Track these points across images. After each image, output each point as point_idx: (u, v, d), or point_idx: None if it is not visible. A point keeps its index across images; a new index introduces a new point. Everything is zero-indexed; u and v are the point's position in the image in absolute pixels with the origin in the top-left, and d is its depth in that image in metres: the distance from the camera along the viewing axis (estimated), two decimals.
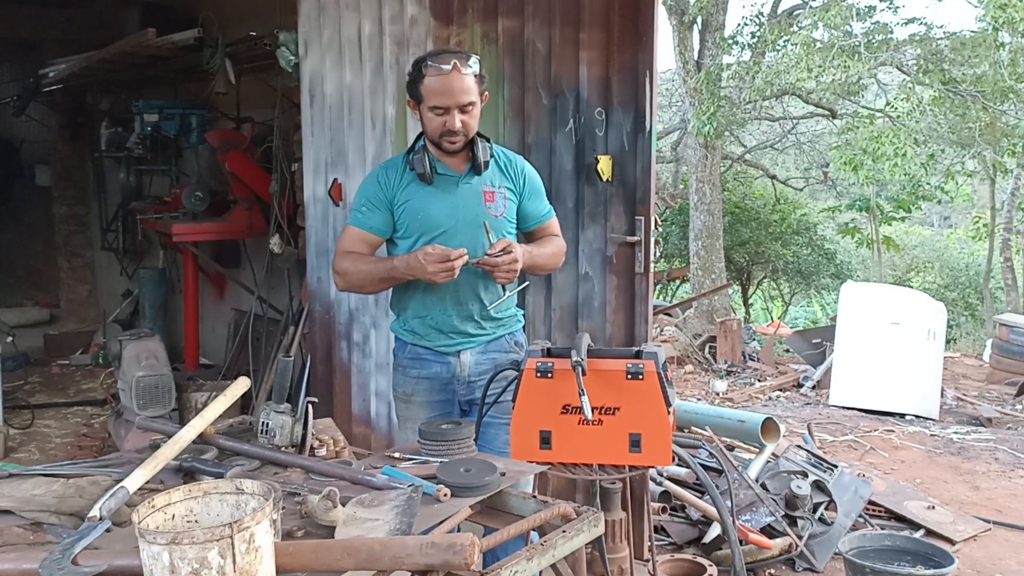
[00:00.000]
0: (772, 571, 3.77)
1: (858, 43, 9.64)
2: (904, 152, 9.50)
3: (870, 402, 6.93)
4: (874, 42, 9.99)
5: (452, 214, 2.60)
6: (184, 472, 2.03)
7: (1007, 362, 8.23)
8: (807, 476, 4.03)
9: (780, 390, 7.80)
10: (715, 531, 3.85)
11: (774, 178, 15.42)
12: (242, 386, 2.34)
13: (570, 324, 3.57)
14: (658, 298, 13.07)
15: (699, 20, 11.57)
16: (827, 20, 9.74)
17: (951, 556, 3.46)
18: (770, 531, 3.78)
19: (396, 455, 2.19)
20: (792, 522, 3.82)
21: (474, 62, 2.53)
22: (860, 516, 4.19)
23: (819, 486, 4.01)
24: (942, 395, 7.28)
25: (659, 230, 3.57)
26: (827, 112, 12.95)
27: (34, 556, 1.55)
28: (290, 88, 4.63)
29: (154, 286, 6.86)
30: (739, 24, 11.91)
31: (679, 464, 3.84)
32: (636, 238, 3.42)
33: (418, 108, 2.58)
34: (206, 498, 1.54)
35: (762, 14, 12.01)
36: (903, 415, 6.77)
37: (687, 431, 4.63)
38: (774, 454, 4.37)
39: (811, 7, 10.95)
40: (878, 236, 14.81)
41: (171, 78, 6.33)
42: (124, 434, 4.74)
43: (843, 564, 3.51)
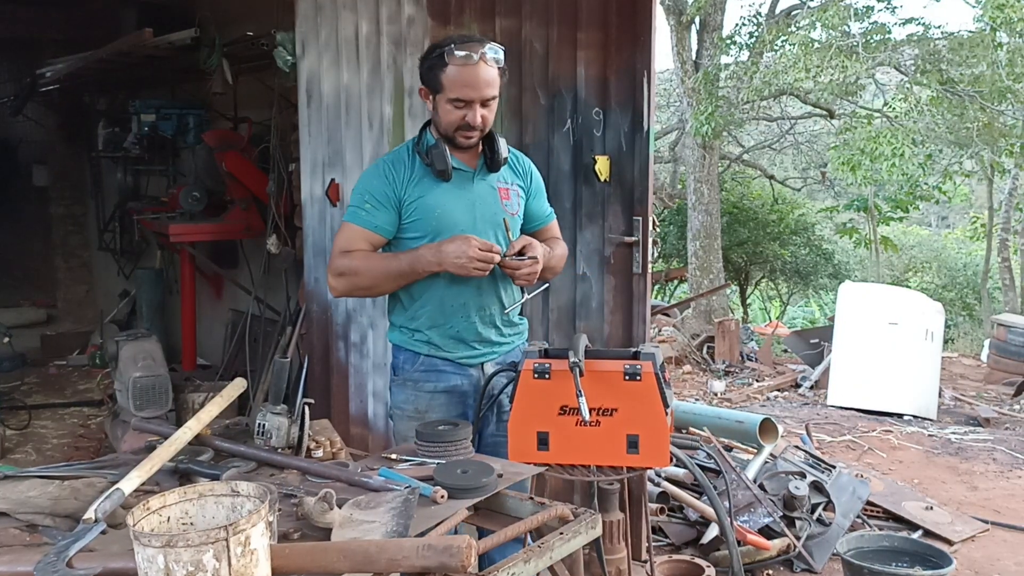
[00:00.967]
0: (770, 572, 3.76)
1: (856, 43, 9.65)
2: (902, 152, 9.51)
3: (868, 402, 6.93)
4: (872, 42, 10.00)
5: (470, 211, 2.44)
6: (180, 474, 2.02)
7: (1005, 362, 8.24)
8: (805, 477, 4.03)
9: (778, 390, 7.80)
10: (713, 532, 3.85)
11: (772, 178, 15.43)
12: (239, 387, 2.32)
13: (568, 325, 3.56)
14: (656, 298, 13.07)
15: (697, 20, 11.58)
16: (825, 20, 9.75)
17: (949, 557, 3.47)
18: (768, 532, 3.78)
19: (393, 456, 2.18)
20: (790, 523, 3.82)
21: (500, 52, 2.35)
22: (858, 517, 4.19)
23: (817, 487, 4.01)
24: (940, 395, 7.29)
25: (657, 230, 3.57)
26: (825, 112, 12.96)
27: (29, 558, 1.54)
28: (287, 88, 4.62)
29: (151, 286, 6.86)
30: (737, 24, 11.96)
31: (677, 465, 3.83)
32: (634, 238, 3.42)
33: (432, 98, 2.40)
34: (201, 500, 1.53)
35: (760, 14, 12.03)
36: (901, 415, 6.77)
37: (685, 432, 4.63)
38: (772, 455, 4.36)
39: (809, 7, 10.95)
40: (876, 236, 14.82)
41: (168, 78, 6.32)
42: (121, 435, 4.73)
43: (841, 565, 3.51)
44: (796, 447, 4.66)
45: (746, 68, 10.88)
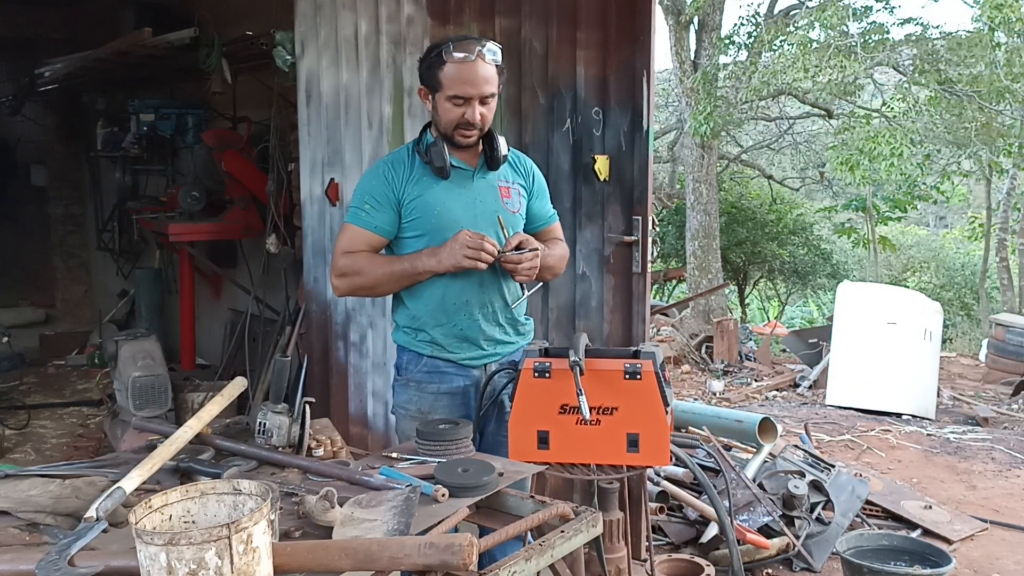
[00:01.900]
0: (769, 571, 3.77)
1: (854, 43, 9.65)
2: (900, 152, 9.51)
3: (867, 402, 6.94)
4: (870, 42, 10.02)
5: (470, 209, 2.45)
6: (181, 473, 2.02)
7: (1003, 362, 8.25)
8: (804, 476, 4.03)
9: (777, 390, 7.81)
10: (713, 531, 3.85)
11: (770, 178, 15.44)
12: (239, 386, 2.32)
13: (567, 324, 3.56)
14: (654, 298, 13.07)
15: (696, 20, 11.58)
16: (823, 20, 9.76)
17: (948, 556, 3.47)
18: (767, 531, 3.78)
19: (393, 455, 2.18)
20: (789, 522, 3.82)
21: (497, 51, 2.37)
22: (857, 516, 4.20)
23: (816, 486, 4.01)
24: (938, 395, 7.30)
25: (656, 230, 3.57)
26: (823, 112, 12.97)
27: (30, 557, 1.54)
28: (286, 88, 4.62)
29: (150, 286, 6.85)
30: (735, 24, 11.98)
31: (677, 464, 3.83)
32: (633, 238, 3.42)
33: (431, 97, 2.42)
34: (203, 498, 1.53)
35: (758, 14, 12.04)
36: (900, 415, 6.78)
37: (684, 431, 4.63)
38: (771, 454, 4.37)
39: (807, 7, 10.97)
40: (874, 236, 14.83)
41: (167, 78, 6.31)
42: (120, 434, 4.73)
43: (840, 564, 3.52)
44: (795, 446, 4.67)
45: (744, 68, 10.89)
